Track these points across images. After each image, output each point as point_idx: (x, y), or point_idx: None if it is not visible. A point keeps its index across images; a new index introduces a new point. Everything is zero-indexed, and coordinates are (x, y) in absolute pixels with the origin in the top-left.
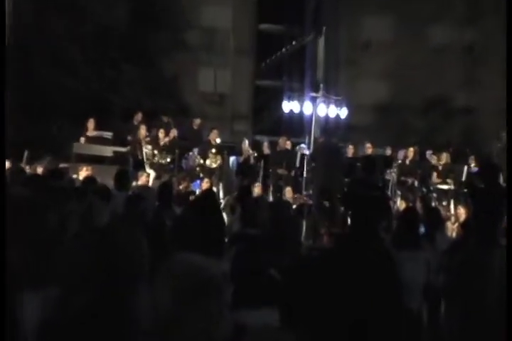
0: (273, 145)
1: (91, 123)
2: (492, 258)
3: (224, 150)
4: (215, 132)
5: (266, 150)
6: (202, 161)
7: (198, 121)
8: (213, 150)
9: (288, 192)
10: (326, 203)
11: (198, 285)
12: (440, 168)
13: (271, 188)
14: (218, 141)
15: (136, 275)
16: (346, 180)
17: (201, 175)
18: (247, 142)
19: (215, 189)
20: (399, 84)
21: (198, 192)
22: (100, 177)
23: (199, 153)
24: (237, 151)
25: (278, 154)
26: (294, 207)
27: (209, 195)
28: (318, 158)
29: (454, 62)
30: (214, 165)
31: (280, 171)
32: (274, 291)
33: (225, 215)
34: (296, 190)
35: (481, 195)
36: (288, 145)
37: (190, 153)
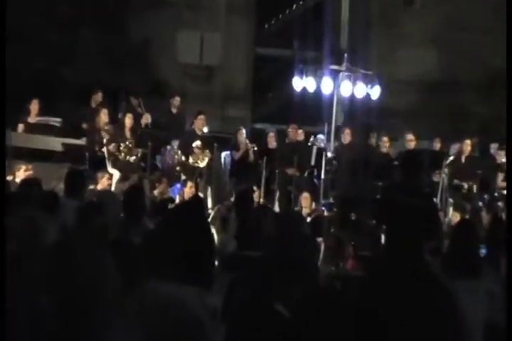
0: (280, 136)
1: (34, 106)
2: None
3: (213, 143)
4: (201, 118)
5: (271, 143)
6: (184, 158)
7: (177, 103)
8: (199, 143)
9: (304, 201)
10: (352, 215)
11: (175, 324)
12: None
13: (277, 194)
14: (206, 130)
15: (99, 313)
16: (379, 184)
17: (183, 176)
18: (244, 132)
19: (201, 195)
20: (452, 54)
21: (178, 199)
22: (45, 179)
23: (180, 147)
24: (231, 144)
25: (287, 148)
26: (309, 220)
27: (193, 203)
28: (341, 154)
29: None
30: (200, 164)
31: (290, 171)
32: (281, 333)
33: (214, 231)
34: (311, 197)
35: None
36: (300, 136)
37: (168, 147)
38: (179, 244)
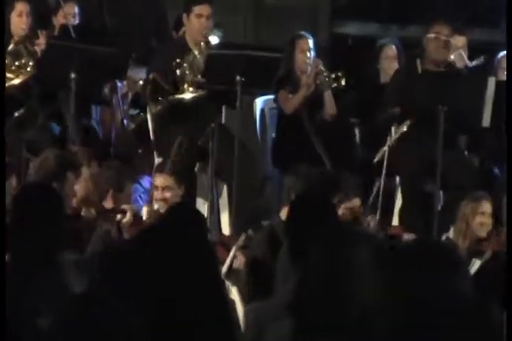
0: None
1: None
2: None
3: (234, 74)
4: (203, 13)
5: (389, 69)
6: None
7: None
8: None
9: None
10: None
11: None
12: None
13: (397, 202)
14: (214, 40)
15: None
16: None
17: (157, 157)
18: (311, 43)
19: (202, 206)
20: None
21: (145, 215)
22: None
23: (156, 69)
24: (277, 78)
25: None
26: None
27: (182, 228)
28: None
29: None
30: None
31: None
32: None
33: (235, 295)
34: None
35: None
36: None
37: (120, 84)
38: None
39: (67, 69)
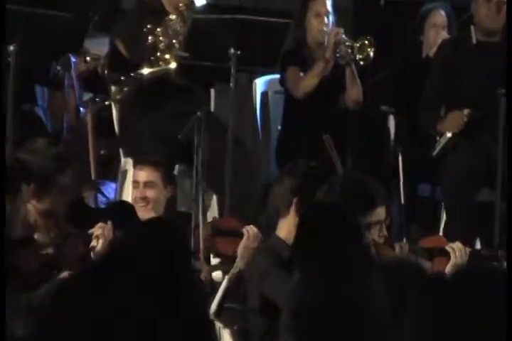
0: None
1: None
2: None
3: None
4: None
5: (433, 40)
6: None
7: None
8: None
9: None
10: None
11: None
12: None
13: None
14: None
15: None
16: None
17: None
18: (326, 1)
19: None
20: None
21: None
22: None
23: (120, 37)
24: (286, 53)
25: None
26: None
27: (155, 249)
28: None
29: None
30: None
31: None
32: None
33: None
34: None
35: None
36: None
37: (74, 59)
38: None
39: (6, 40)
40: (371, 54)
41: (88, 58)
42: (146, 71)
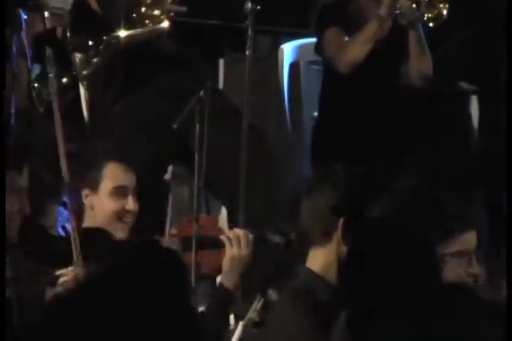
0: None
1: None
2: None
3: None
4: None
5: None
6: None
7: None
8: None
9: None
10: None
11: None
12: None
13: None
14: None
15: None
16: None
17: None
18: None
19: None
20: None
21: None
22: None
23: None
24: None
25: None
26: None
27: (142, 281)
28: None
29: None
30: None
31: None
32: None
33: None
34: None
35: None
36: None
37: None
38: None
39: None
40: (444, 11)
41: (46, 14)
42: (124, 33)
